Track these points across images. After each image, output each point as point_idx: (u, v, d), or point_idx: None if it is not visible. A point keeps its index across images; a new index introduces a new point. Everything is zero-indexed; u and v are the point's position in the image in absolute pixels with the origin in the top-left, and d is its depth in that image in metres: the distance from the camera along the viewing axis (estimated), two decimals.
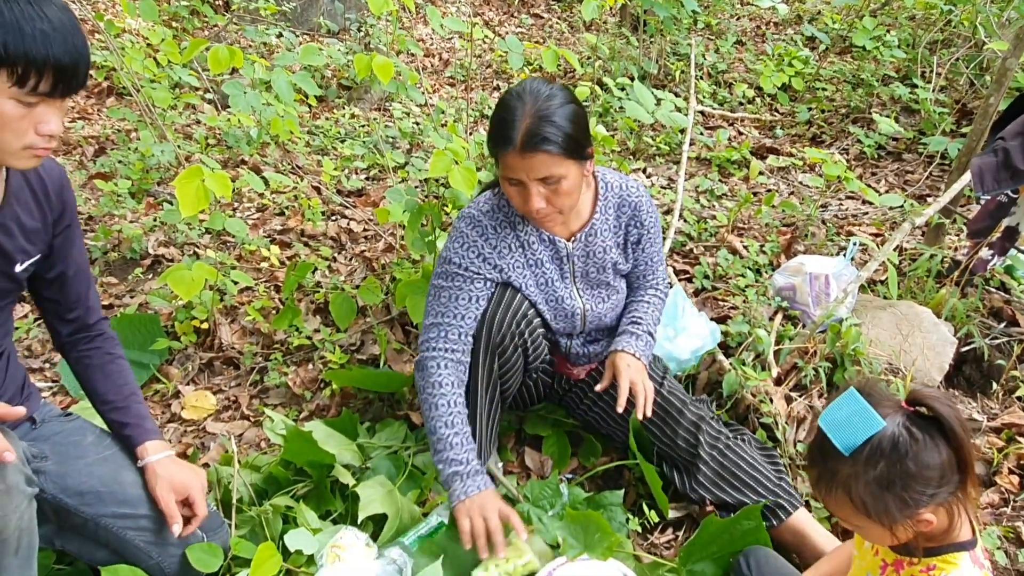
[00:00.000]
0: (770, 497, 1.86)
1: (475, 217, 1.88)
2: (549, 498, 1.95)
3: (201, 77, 4.34)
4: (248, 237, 3.21)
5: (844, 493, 1.17)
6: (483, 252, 1.87)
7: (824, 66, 5.02)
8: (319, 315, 2.86)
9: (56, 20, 1.22)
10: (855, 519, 1.20)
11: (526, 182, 1.70)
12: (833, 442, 1.15)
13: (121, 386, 1.67)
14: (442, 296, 1.88)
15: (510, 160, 1.68)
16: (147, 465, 1.61)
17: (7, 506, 1.24)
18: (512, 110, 1.67)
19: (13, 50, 1.18)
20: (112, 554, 1.59)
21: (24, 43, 1.19)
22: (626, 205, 1.96)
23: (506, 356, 1.91)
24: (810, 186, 3.80)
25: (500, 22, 6.44)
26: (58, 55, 1.22)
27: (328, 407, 2.48)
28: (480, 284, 1.87)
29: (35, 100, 1.25)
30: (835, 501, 1.20)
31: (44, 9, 1.21)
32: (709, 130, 4.46)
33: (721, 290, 2.81)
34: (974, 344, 2.39)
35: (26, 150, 1.29)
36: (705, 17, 5.86)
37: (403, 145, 4.34)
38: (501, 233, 1.88)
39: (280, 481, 1.96)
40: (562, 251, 1.92)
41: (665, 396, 2.00)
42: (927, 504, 1.14)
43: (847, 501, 1.18)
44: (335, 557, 1.67)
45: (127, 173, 3.64)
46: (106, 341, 1.71)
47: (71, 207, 1.58)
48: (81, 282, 1.65)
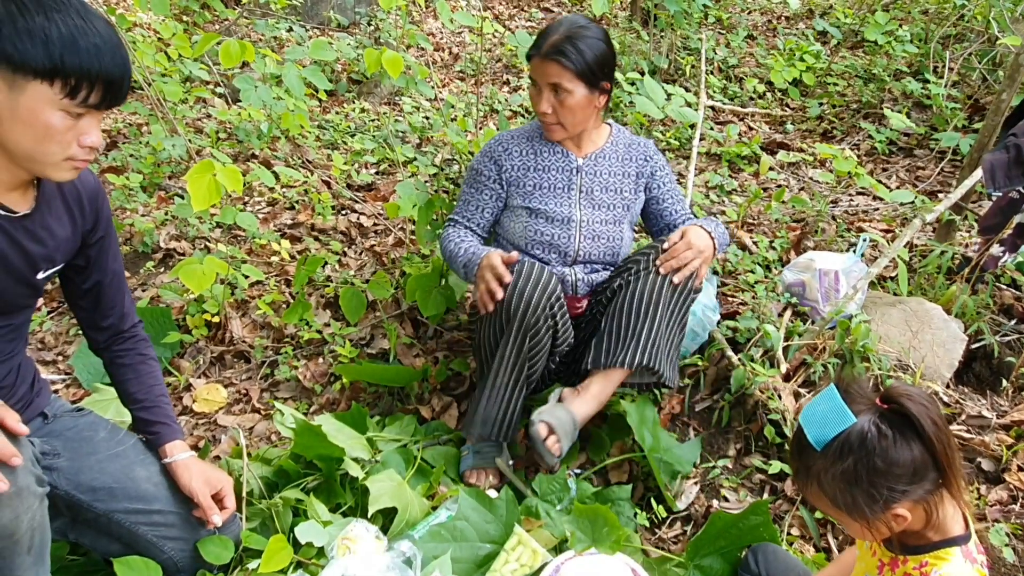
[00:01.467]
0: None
1: (502, 135, 2.26)
2: (557, 493, 1.96)
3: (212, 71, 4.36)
4: (259, 231, 3.22)
5: (817, 488, 1.20)
6: (496, 156, 2.20)
7: (835, 61, 4.99)
8: (329, 309, 2.87)
9: (105, 34, 1.27)
10: (833, 512, 1.24)
11: (540, 85, 2.06)
12: (807, 436, 1.18)
13: (151, 386, 1.72)
14: (464, 197, 2.26)
15: (535, 64, 2.06)
16: (175, 462, 1.66)
17: (18, 507, 1.26)
18: (552, 27, 2.07)
19: (69, 63, 1.23)
20: (125, 547, 1.61)
21: (79, 56, 1.24)
22: (636, 145, 2.27)
23: (538, 337, 1.99)
24: (820, 182, 3.78)
25: (510, 16, 6.43)
26: (108, 68, 1.27)
27: (338, 401, 2.49)
28: (488, 195, 2.21)
29: (82, 112, 1.29)
30: (812, 495, 1.24)
31: (95, 24, 1.26)
32: (719, 125, 4.44)
33: (730, 286, 2.81)
34: (984, 341, 2.39)
35: (67, 161, 1.33)
36: (716, 11, 5.83)
37: (413, 139, 4.34)
38: (518, 141, 2.22)
39: (290, 474, 1.97)
40: (573, 163, 2.19)
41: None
42: (899, 500, 1.15)
43: (823, 497, 1.21)
44: (345, 549, 1.69)
45: (139, 167, 3.65)
46: (139, 343, 1.75)
47: (106, 217, 1.60)
48: (116, 290, 1.69)
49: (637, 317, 2.01)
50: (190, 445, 1.79)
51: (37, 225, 1.44)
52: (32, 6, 1.22)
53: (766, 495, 2.05)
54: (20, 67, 1.22)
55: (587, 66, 2.02)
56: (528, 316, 1.93)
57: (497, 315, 1.97)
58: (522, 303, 1.92)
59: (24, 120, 1.26)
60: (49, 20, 1.22)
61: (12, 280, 1.43)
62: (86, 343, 1.77)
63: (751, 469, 2.11)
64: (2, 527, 1.24)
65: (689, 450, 2.15)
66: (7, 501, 1.23)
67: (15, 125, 1.26)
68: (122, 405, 1.75)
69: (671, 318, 2.04)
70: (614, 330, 2.03)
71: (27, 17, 1.21)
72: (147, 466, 1.64)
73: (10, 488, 1.21)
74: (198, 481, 1.64)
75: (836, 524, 1.94)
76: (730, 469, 2.13)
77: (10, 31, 1.21)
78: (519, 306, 1.92)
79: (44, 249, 1.47)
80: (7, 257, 1.40)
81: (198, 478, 1.65)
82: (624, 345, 2.01)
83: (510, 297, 1.93)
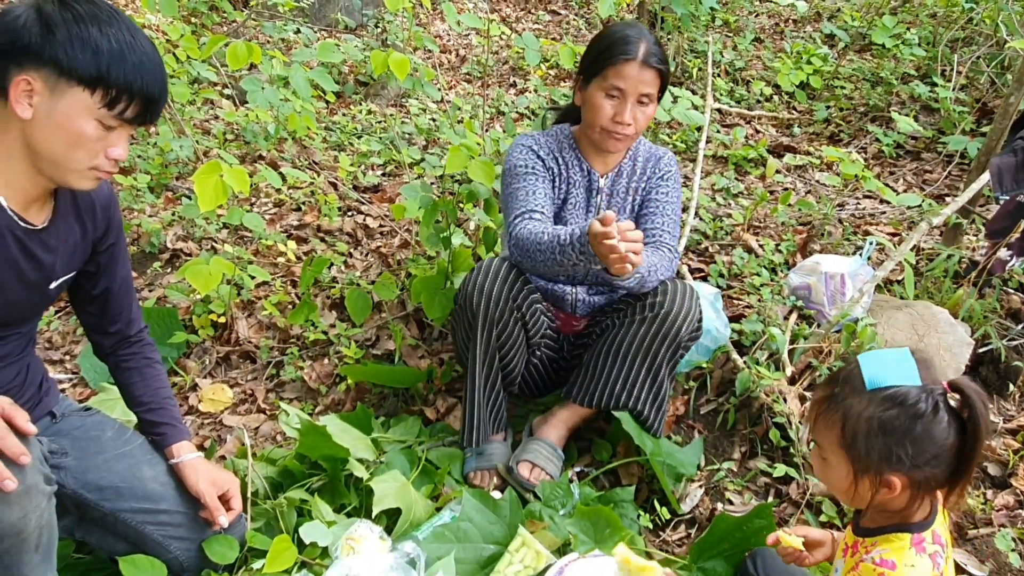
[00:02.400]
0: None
1: (524, 139, 2.11)
2: (561, 498, 1.96)
3: (220, 73, 4.37)
4: (265, 232, 3.23)
5: (840, 419, 1.20)
6: (542, 157, 2.08)
7: (843, 64, 4.98)
8: (335, 310, 2.88)
9: (150, 53, 1.32)
10: (831, 451, 1.23)
11: (627, 94, 1.92)
12: (863, 372, 1.18)
13: (157, 389, 1.73)
14: (519, 194, 2.02)
15: (626, 70, 1.90)
16: (182, 463, 1.67)
17: (27, 505, 1.27)
18: (630, 31, 1.93)
19: (114, 75, 1.27)
20: (131, 546, 1.62)
21: (125, 70, 1.28)
22: (652, 158, 2.15)
23: (507, 330, 1.97)
24: (827, 185, 3.78)
25: (517, 18, 6.43)
26: (149, 85, 1.31)
27: (343, 402, 2.50)
28: (546, 181, 2.06)
29: (115, 124, 1.32)
30: (825, 424, 1.23)
31: (142, 42, 1.31)
32: (726, 128, 4.44)
33: (736, 289, 2.80)
34: (991, 345, 2.38)
35: (91, 171, 1.36)
36: (723, 14, 5.82)
37: (419, 141, 4.35)
38: (548, 146, 2.10)
39: (295, 474, 1.98)
40: (594, 183, 2.10)
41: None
42: (903, 470, 1.16)
43: (838, 429, 1.20)
44: (349, 549, 1.69)
45: (146, 168, 3.67)
46: (144, 347, 1.76)
47: (117, 225, 1.62)
48: (124, 296, 1.70)
49: (614, 363, 2.02)
50: (195, 445, 1.80)
51: (52, 237, 1.45)
52: (88, 17, 1.27)
53: (771, 499, 2.05)
54: (67, 72, 1.26)
55: (667, 77, 1.97)
56: (491, 310, 1.93)
57: (464, 315, 1.98)
58: (483, 298, 1.93)
59: (59, 124, 1.29)
60: (102, 33, 1.27)
61: (27, 291, 1.45)
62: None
63: (755, 472, 2.10)
64: (10, 525, 1.25)
65: (691, 453, 2.15)
66: (16, 499, 1.24)
67: (49, 127, 1.29)
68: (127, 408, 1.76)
69: (655, 369, 2.01)
70: (590, 370, 2.07)
71: (81, 26, 1.26)
72: (154, 466, 1.64)
73: (19, 486, 1.22)
74: (205, 482, 1.65)
75: (841, 527, 1.93)
76: (735, 472, 2.13)
77: (64, 36, 1.25)
78: (480, 301, 1.93)
79: (57, 259, 1.48)
80: (23, 270, 1.42)
81: (205, 479, 1.65)
82: (597, 386, 2.06)
83: (470, 294, 1.94)
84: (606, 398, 2.05)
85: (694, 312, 1.98)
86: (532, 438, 2.14)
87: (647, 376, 2.02)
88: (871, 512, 1.27)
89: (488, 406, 2.08)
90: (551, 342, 2.20)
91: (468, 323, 1.98)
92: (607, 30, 2.00)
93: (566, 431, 2.16)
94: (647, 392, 2.04)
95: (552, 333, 2.18)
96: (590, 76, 1.97)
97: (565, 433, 2.16)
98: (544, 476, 2.05)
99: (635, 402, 2.04)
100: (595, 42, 2.00)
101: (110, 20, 1.28)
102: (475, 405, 2.05)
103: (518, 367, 2.08)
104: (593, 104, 1.96)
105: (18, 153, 1.33)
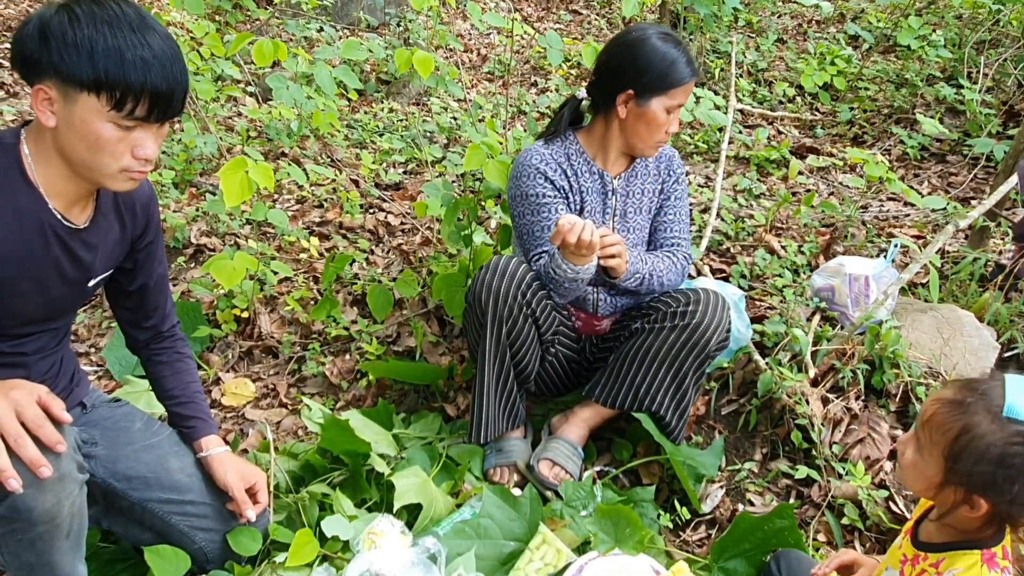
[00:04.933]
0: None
1: (531, 156, 2.07)
2: (583, 499, 1.96)
3: (243, 70, 4.41)
4: (288, 228, 3.25)
5: (958, 430, 1.14)
6: (553, 181, 2.05)
7: (867, 65, 4.94)
8: (356, 306, 2.89)
9: (157, 48, 1.28)
10: (931, 451, 1.17)
11: (675, 108, 1.98)
12: (1006, 395, 1.12)
13: (188, 383, 1.75)
14: (534, 229, 2.04)
15: (687, 88, 1.97)
16: (210, 456, 1.68)
17: (60, 493, 1.29)
18: (677, 46, 1.95)
19: (113, 76, 1.25)
20: (157, 536, 1.64)
21: (123, 69, 1.25)
22: (664, 157, 2.17)
23: (517, 327, 1.97)
24: (850, 187, 3.75)
25: (539, 18, 6.44)
26: (155, 82, 1.28)
27: (364, 397, 2.51)
28: (560, 207, 2.04)
29: (132, 124, 1.30)
30: (940, 425, 1.17)
31: (146, 37, 1.27)
32: (748, 129, 4.42)
33: (758, 290, 2.79)
34: (1017, 349, 2.35)
35: (122, 172, 1.35)
36: (746, 15, 5.79)
37: (441, 140, 4.36)
38: (552, 160, 2.07)
39: (317, 469, 1.99)
40: (608, 185, 2.10)
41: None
42: (996, 502, 1.13)
43: (951, 436, 1.14)
44: (371, 544, 1.70)
45: (171, 164, 3.71)
46: (177, 342, 1.78)
47: (156, 222, 1.63)
48: (160, 292, 1.72)
49: (640, 367, 2.03)
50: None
51: (92, 235, 1.47)
52: (84, 17, 1.24)
53: (792, 500, 2.04)
54: (68, 79, 1.25)
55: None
56: (500, 306, 1.94)
57: (474, 312, 2.00)
58: (491, 296, 1.94)
59: (78, 130, 1.29)
60: (97, 32, 1.24)
61: (67, 288, 1.47)
62: (119, 337, 1.81)
63: (777, 473, 2.09)
64: (45, 511, 1.27)
65: (712, 455, 2.14)
66: (50, 486, 1.26)
67: (71, 135, 1.30)
68: (157, 400, 1.78)
69: (681, 377, 2.02)
70: (615, 372, 2.07)
71: (76, 28, 1.23)
72: (181, 457, 1.66)
73: (54, 474, 1.24)
74: (233, 475, 1.67)
75: (863, 531, 1.92)
76: (756, 473, 2.12)
77: (59, 43, 1.23)
78: (489, 298, 1.94)
79: (97, 257, 1.50)
80: (64, 268, 1.44)
81: (233, 472, 1.67)
82: (621, 388, 2.06)
83: (479, 292, 1.95)
84: (629, 400, 2.05)
85: (724, 323, 1.98)
86: (552, 437, 2.15)
87: (672, 383, 2.02)
88: (936, 525, 1.24)
89: (500, 403, 2.08)
90: (569, 341, 2.20)
91: (478, 321, 1.99)
92: (653, 44, 1.95)
93: (587, 431, 2.16)
94: (671, 398, 2.04)
95: (569, 332, 2.19)
96: (651, 92, 1.95)
97: (586, 433, 2.16)
98: (564, 475, 2.05)
99: (658, 407, 2.04)
100: (648, 56, 1.94)
101: (110, 19, 1.25)
102: (485, 402, 2.05)
103: (532, 364, 2.08)
104: (655, 120, 1.98)
105: (56, 159, 1.35)
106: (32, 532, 1.30)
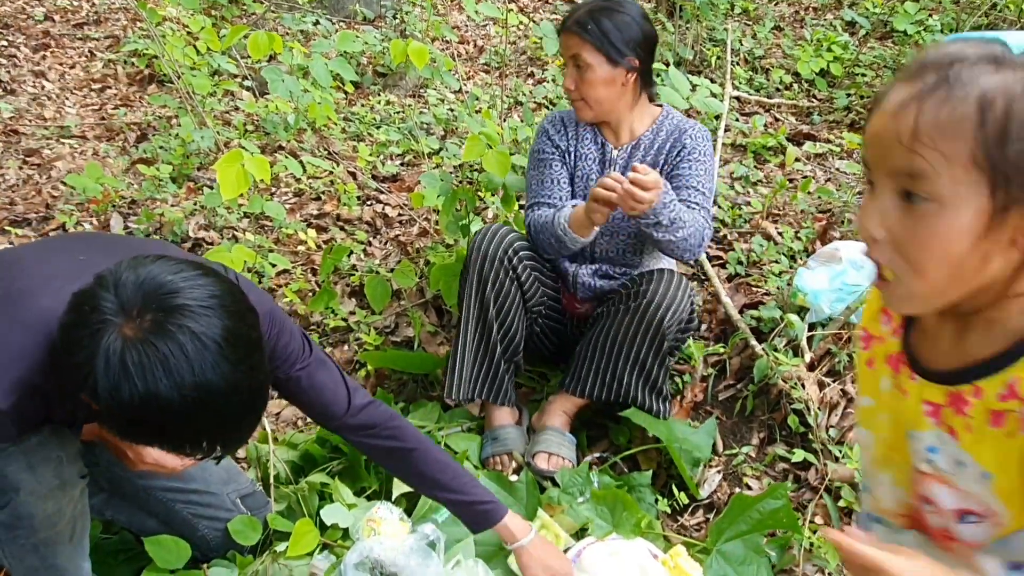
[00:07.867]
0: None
1: (550, 117, 2.21)
2: (580, 485, 1.97)
3: (239, 64, 4.41)
4: (286, 221, 3.26)
5: (974, 110, 0.70)
6: (553, 139, 2.15)
7: (864, 51, 4.93)
8: (354, 298, 2.90)
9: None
10: (949, 178, 0.71)
11: (567, 60, 2.01)
12: (1008, 40, 0.72)
13: (446, 474, 1.61)
14: (532, 183, 2.16)
15: (561, 39, 2.05)
16: (521, 548, 1.62)
17: (62, 499, 1.31)
18: (584, 3, 2.01)
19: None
20: (160, 524, 1.65)
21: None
22: (677, 131, 2.11)
23: (503, 289, 2.02)
24: (847, 172, 3.75)
25: (535, 8, 6.42)
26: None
27: (363, 387, 2.52)
28: (558, 166, 2.13)
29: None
30: (936, 131, 0.71)
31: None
32: (745, 116, 4.41)
33: (755, 276, 2.80)
34: None
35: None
36: (742, 2, 5.78)
37: (438, 131, 4.36)
38: (564, 122, 2.17)
39: (316, 458, 2.01)
40: (608, 155, 2.13)
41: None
42: None
43: (970, 127, 0.70)
44: (370, 531, 1.71)
45: (168, 158, 3.71)
46: (387, 430, 1.59)
47: (284, 358, 1.47)
48: (321, 392, 1.54)
49: (601, 355, 2.05)
50: None
51: None
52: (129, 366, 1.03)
53: (789, 483, 2.05)
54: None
55: (606, 39, 1.93)
56: (484, 267, 2.01)
57: (465, 275, 2.07)
58: (479, 256, 2.02)
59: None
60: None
61: None
62: None
63: (774, 457, 2.11)
64: (46, 518, 1.29)
65: (704, 434, 2.15)
66: (52, 493, 1.28)
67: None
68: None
69: (641, 360, 2.02)
70: (582, 361, 2.09)
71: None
72: None
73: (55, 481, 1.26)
74: (539, 568, 1.60)
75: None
76: (753, 457, 2.13)
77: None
78: (477, 259, 2.02)
79: None
80: None
81: (540, 565, 1.60)
82: (588, 376, 2.08)
83: (469, 254, 2.03)
84: (598, 388, 2.07)
85: (681, 303, 1.97)
86: (538, 431, 2.17)
87: (633, 367, 2.03)
88: (964, 332, 0.83)
89: (477, 365, 2.10)
90: (555, 314, 2.23)
91: (467, 281, 2.06)
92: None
93: (567, 418, 2.17)
94: (636, 381, 2.05)
95: (555, 304, 2.22)
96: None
97: (567, 419, 2.17)
98: (562, 462, 2.07)
99: (628, 391, 2.06)
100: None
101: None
102: (460, 359, 2.09)
103: (518, 332, 2.09)
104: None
105: None
106: (35, 537, 1.31)
